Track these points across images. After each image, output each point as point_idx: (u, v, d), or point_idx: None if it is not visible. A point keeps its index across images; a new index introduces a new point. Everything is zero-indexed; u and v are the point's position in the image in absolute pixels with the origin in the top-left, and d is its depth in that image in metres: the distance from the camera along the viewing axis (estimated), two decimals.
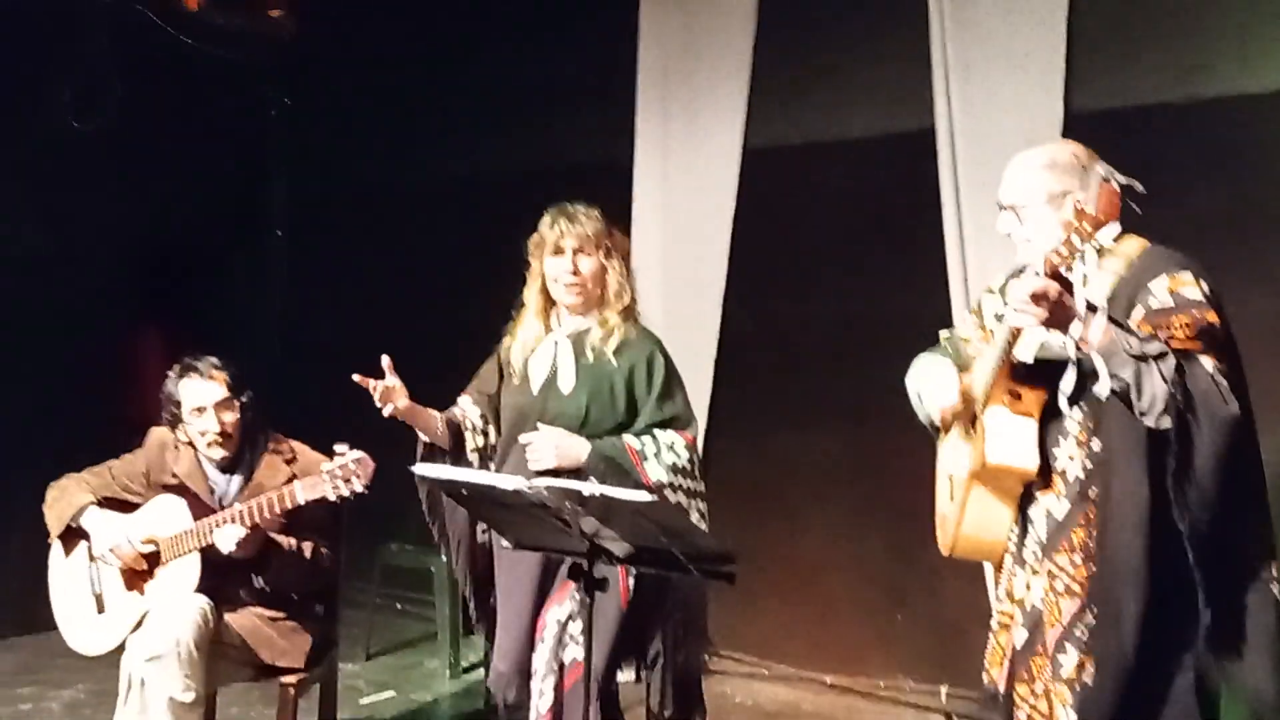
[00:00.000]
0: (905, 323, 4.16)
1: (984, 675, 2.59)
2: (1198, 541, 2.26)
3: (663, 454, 3.08)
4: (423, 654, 5.41)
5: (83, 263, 5.67)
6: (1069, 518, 2.40)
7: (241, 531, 3.28)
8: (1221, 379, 2.25)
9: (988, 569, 3.92)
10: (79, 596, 3.53)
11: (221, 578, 3.38)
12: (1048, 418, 2.43)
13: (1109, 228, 2.44)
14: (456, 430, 3.28)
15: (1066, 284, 2.19)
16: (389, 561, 5.42)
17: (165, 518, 3.43)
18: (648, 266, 4.96)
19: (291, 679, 3.43)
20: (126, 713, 3.22)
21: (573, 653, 2.99)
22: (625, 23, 5.23)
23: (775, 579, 4.83)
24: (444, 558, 3.49)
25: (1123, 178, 2.15)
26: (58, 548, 3.58)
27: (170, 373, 3.53)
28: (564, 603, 3.06)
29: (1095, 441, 2.38)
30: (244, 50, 5.99)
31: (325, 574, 3.57)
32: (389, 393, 3.10)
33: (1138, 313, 2.34)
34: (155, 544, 3.42)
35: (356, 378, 3.08)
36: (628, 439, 3.10)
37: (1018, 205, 2.51)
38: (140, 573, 3.44)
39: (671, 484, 3.07)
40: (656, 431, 3.12)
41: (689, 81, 5.12)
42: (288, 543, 3.45)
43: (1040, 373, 2.43)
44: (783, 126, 4.97)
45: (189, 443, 3.53)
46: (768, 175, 4.96)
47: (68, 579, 3.56)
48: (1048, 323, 2.22)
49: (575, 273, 3.17)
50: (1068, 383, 2.29)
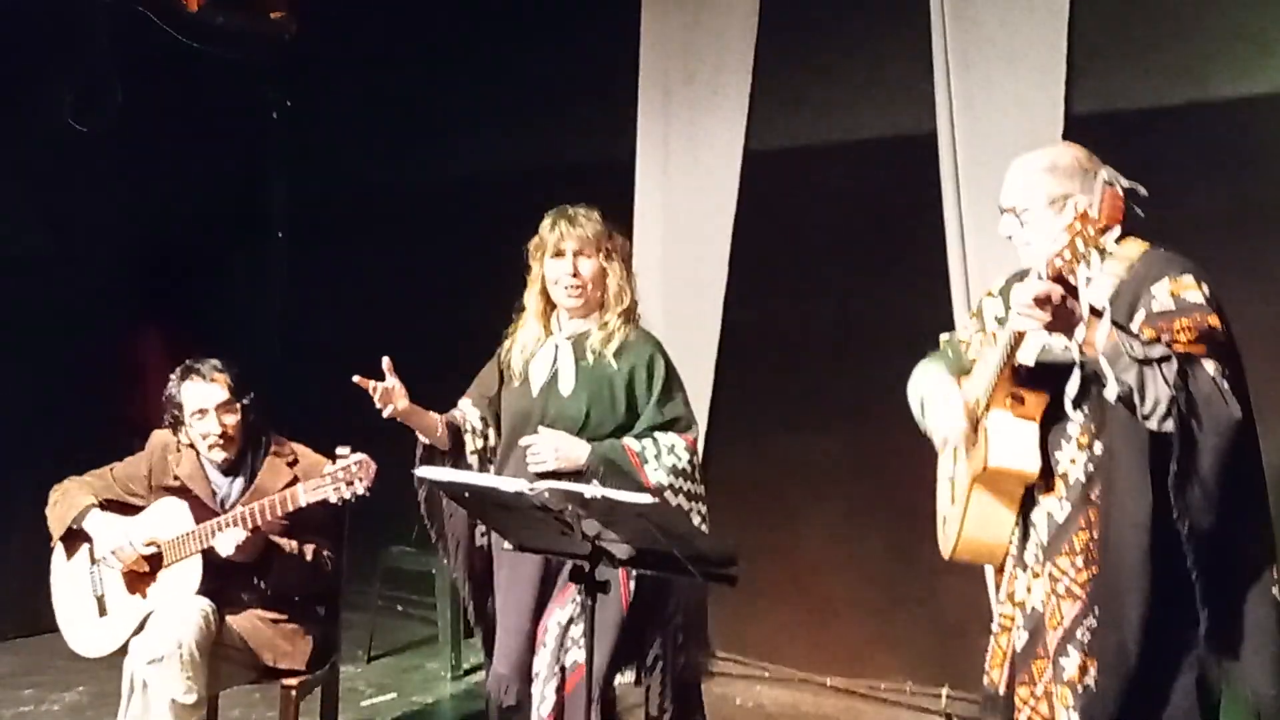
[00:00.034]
0: (906, 323, 4.17)
1: (985, 677, 2.58)
2: (1197, 543, 2.25)
3: (663, 456, 3.08)
4: (424, 656, 5.41)
5: (83, 263, 5.67)
6: (1070, 520, 2.40)
7: (241, 536, 3.28)
8: (1223, 382, 2.25)
9: (988, 571, 3.93)
10: (81, 599, 3.53)
11: (223, 580, 3.38)
12: (1049, 421, 2.42)
13: (1112, 232, 2.43)
14: (456, 432, 3.28)
15: (1070, 288, 2.18)
16: (390, 564, 5.42)
17: (167, 520, 3.43)
18: (649, 267, 4.95)
19: (293, 681, 3.43)
20: (128, 715, 3.23)
21: (574, 656, 2.99)
22: (626, 23, 5.23)
23: (776, 580, 4.83)
24: (444, 560, 3.49)
25: (1126, 181, 2.15)
26: (59, 550, 3.59)
27: (172, 375, 3.54)
28: (565, 606, 3.06)
29: (1097, 444, 2.37)
30: (244, 51, 5.98)
31: (327, 576, 3.57)
32: (389, 394, 3.10)
33: (1139, 316, 2.34)
34: (157, 546, 3.43)
35: (356, 379, 3.08)
36: (628, 441, 3.10)
37: (1018, 208, 2.50)
38: (142, 575, 3.44)
39: (672, 486, 3.07)
40: (657, 434, 3.12)
41: (690, 82, 5.12)
42: (289, 545, 3.45)
43: (1042, 376, 2.43)
44: (784, 127, 4.96)
45: (191, 445, 3.53)
46: (769, 176, 4.96)
47: (69, 581, 3.56)
48: (1051, 326, 2.21)
49: (575, 275, 3.17)
50: (1073, 386, 2.28)
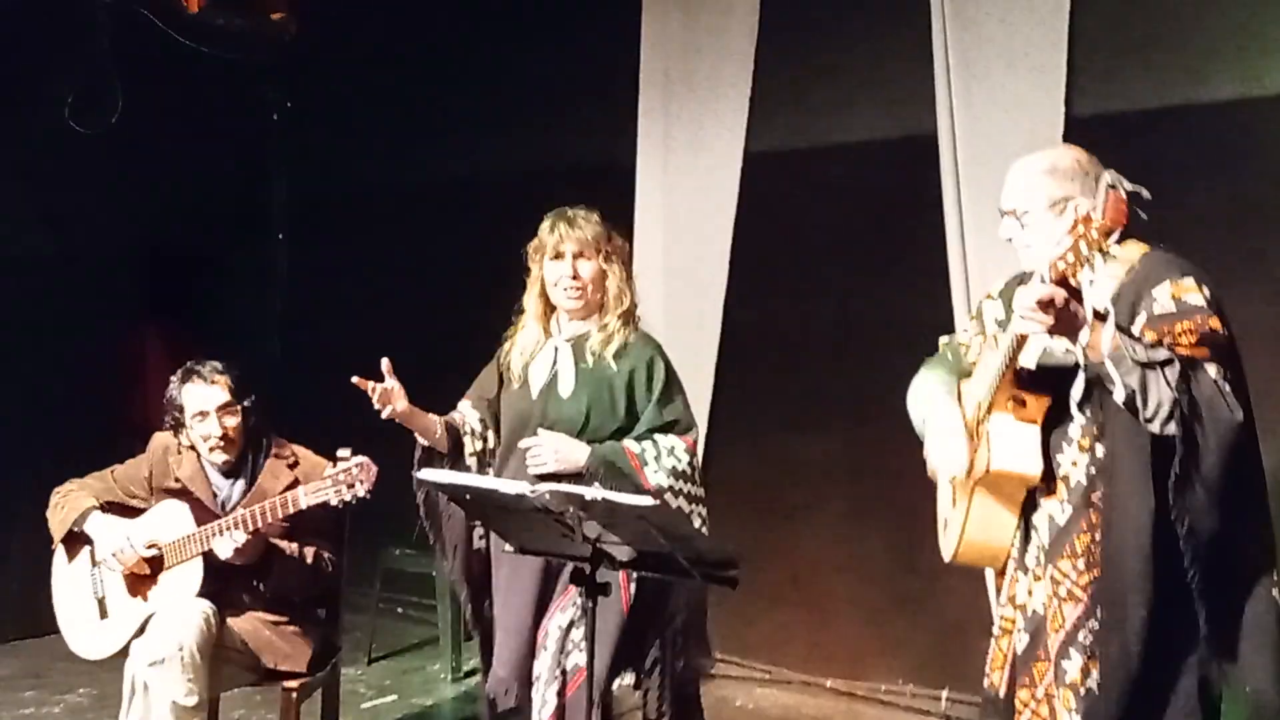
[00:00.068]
0: (906, 324, 4.17)
1: (985, 680, 2.58)
2: (1196, 545, 2.25)
3: (663, 458, 3.08)
4: (424, 658, 5.41)
5: (83, 264, 5.67)
6: (1072, 523, 2.39)
7: (241, 539, 3.28)
8: (1225, 385, 2.24)
9: (988, 573, 3.92)
10: (82, 601, 3.53)
11: (224, 582, 3.39)
12: (1051, 423, 2.42)
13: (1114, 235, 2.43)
14: (455, 434, 3.27)
15: (1073, 291, 2.18)
16: (391, 566, 5.42)
17: (168, 522, 3.44)
18: (649, 267, 4.95)
19: (294, 683, 3.43)
20: (129, 717, 3.24)
21: (576, 659, 2.98)
22: (627, 23, 5.22)
23: (776, 582, 4.83)
24: (445, 562, 3.48)
25: (1130, 184, 2.14)
26: (61, 552, 3.59)
27: (173, 377, 3.54)
28: (566, 609, 3.06)
29: (1099, 447, 2.37)
30: (244, 51, 5.97)
31: (327, 578, 3.57)
32: (388, 395, 3.09)
33: (1140, 319, 2.34)
34: (158, 548, 3.43)
35: (355, 380, 3.07)
36: (628, 443, 3.10)
37: (1018, 210, 2.50)
38: (143, 577, 3.44)
39: (672, 488, 3.06)
40: (657, 436, 3.12)
41: (691, 82, 5.12)
42: (290, 547, 3.46)
43: (1043, 379, 2.42)
44: (784, 128, 4.96)
45: (191, 447, 3.54)
46: (769, 176, 4.95)
47: (71, 584, 3.56)
48: (1053, 330, 2.21)
49: (575, 277, 3.16)
50: (1078, 390, 2.28)
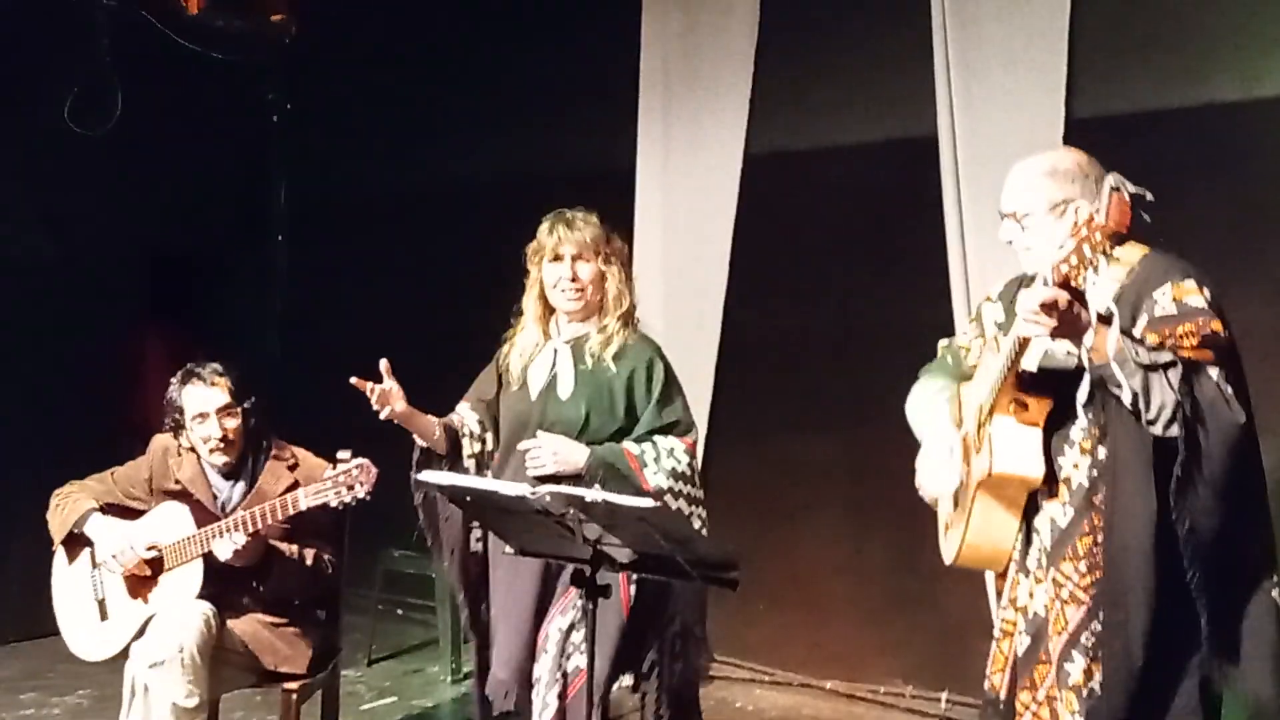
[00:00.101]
0: (906, 325, 4.18)
1: (986, 682, 2.58)
2: (1197, 546, 2.25)
3: (662, 459, 3.08)
4: (424, 659, 5.41)
5: (84, 265, 5.68)
6: (1073, 525, 2.39)
7: (240, 541, 3.28)
8: (1227, 387, 2.24)
9: (988, 575, 3.92)
10: (82, 603, 3.53)
11: (224, 584, 3.38)
12: (1052, 426, 2.41)
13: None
14: (453, 436, 3.26)
15: (1076, 293, 2.17)
16: (391, 567, 5.42)
17: (168, 524, 3.43)
18: (649, 268, 4.95)
19: (294, 685, 3.43)
20: (129, 718, 3.23)
21: (576, 662, 2.98)
22: (627, 25, 5.23)
23: (775, 583, 4.83)
24: (442, 564, 3.48)
25: (1133, 187, 2.13)
26: (61, 554, 3.58)
27: (173, 379, 3.54)
28: (566, 612, 3.05)
29: (1100, 449, 2.37)
30: (244, 53, 5.98)
31: (327, 580, 3.57)
32: (386, 396, 3.09)
33: (1141, 321, 2.33)
34: (158, 550, 3.42)
35: (354, 380, 3.08)
36: (627, 445, 3.10)
37: (1019, 213, 2.49)
38: (143, 579, 3.44)
39: (671, 489, 3.06)
40: (656, 437, 3.11)
41: (691, 83, 5.12)
42: (290, 549, 3.45)
43: (1045, 382, 2.42)
44: (784, 130, 4.96)
45: (191, 449, 3.53)
46: (769, 178, 4.96)
47: (71, 585, 3.56)
48: (1056, 332, 2.21)
49: (574, 279, 3.16)
50: (1083, 392, 2.27)
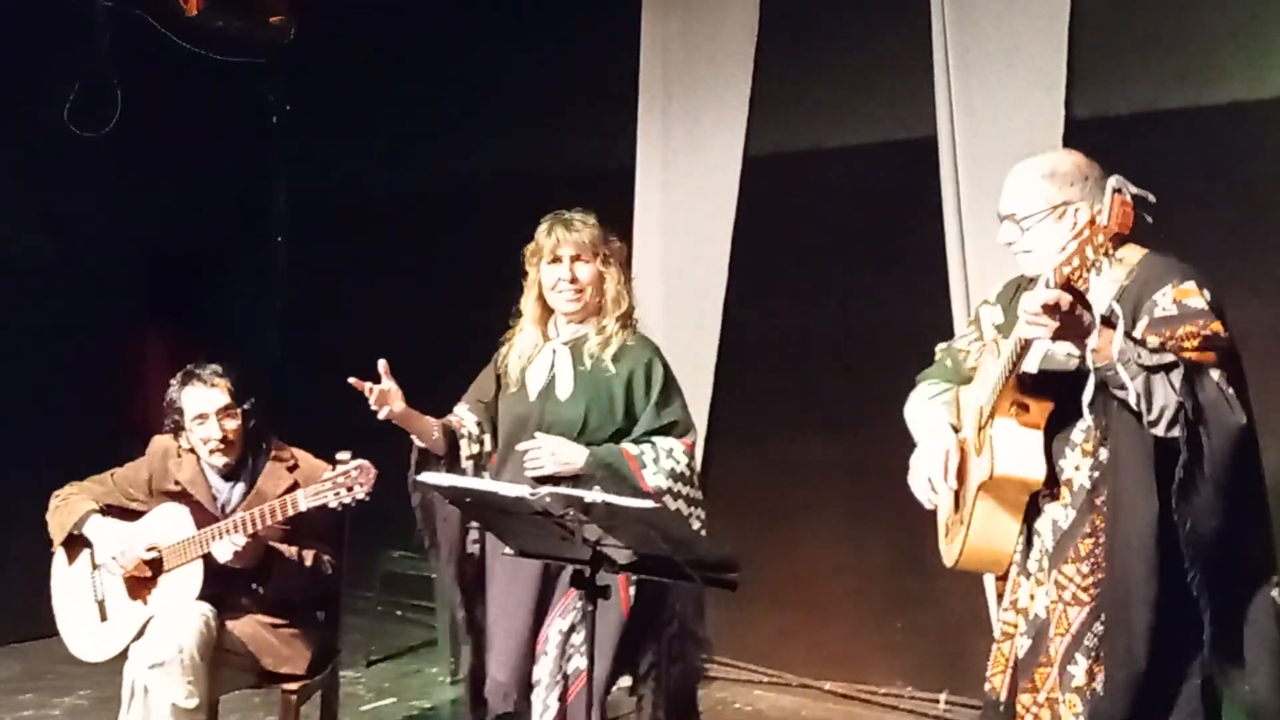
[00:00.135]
0: (907, 325, 4.18)
1: (986, 684, 2.57)
2: (1198, 547, 2.24)
3: (661, 460, 3.07)
4: (423, 660, 5.41)
5: (84, 266, 5.68)
6: (1075, 527, 2.39)
7: (240, 542, 3.28)
8: (1229, 388, 2.23)
9: (988, 577, 3.91)
10: (82, 604, 3.53)
11: (224, 585, 3.38)
12: (1053, 428, 2.41)
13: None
14: (452, 437, 3.25)
15: (1077, 295, 2.17)
16: (390, 568, 5.41)
17: (168, 525, 3.43)
18: (648, 269, 4.96)
19: (293, 686, 3.43)
20: (128, 719, 3.23)
21: (577, 663, 2.98)
22: (627, 26, 5.23)
23: (775, 584, 4.82)
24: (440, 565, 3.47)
25: (1135, 188, 2.13)
26: (60, 555, 3.58)
27: (172, 381, 3.54)
28: (566, 614, 3.05)
29: (1102, 451, 2.36)
30: (244, 54, 5.99)
31: (327, 581, 3.57)
32: (385, 396, 3.09)
33: (1142, 323, 2.32)
34: (158, 551, 3.42)
35: (352, 381, 3.07)
36: (626, 446, 3.09)
37: (1018, 215, 2.48)
38: (143, 580, 3.44)
39: (670, 490, 3.06)
40: (655, 438, 3.11)
41: (690, 84, 5.13)
42: (289, 550, 3.45)
43: (1046, 384, 2.41)
44: (784, 130, 4.97)
45: (191, 450, 3.53)
46: (769, 179, 4.96)
47: (70, 586, 3.56)
48: (1058, 334, 2.20)
49: (573, 280, 3.15)
50: (1089, 394, 2.26)
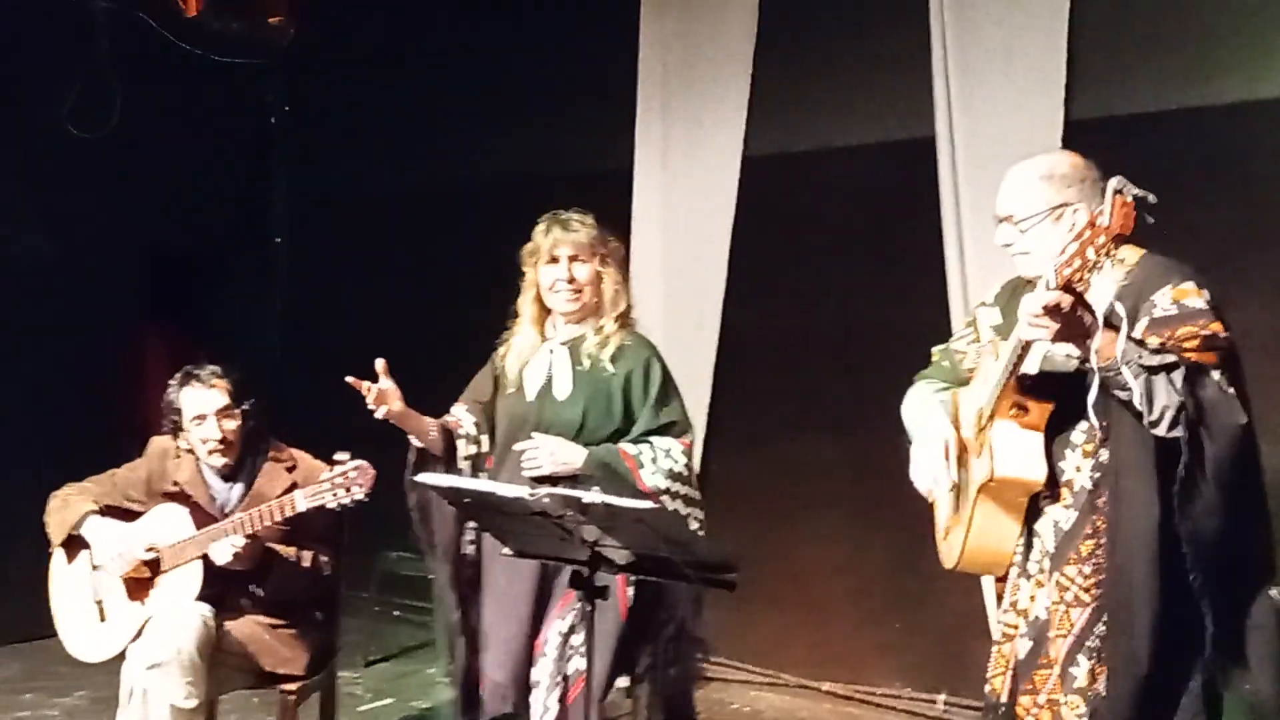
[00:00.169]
0: (906, 326, 4.18)
1: (987, 686, 2.57)
2: (1200, 548, 2.24)
3: (659, 460, 3.08)
4: (421, 661, 5.41)
5: (84, 266, 5.68)
6: (1077, 528, 2.39)
7: (239, 543, 3.28)
8: (1229, 388, 2.23)
9: (986, 580, 3.91)
10: (80, 604, 3.53)
11: (222, 586, 3.38)
12: (1053, 429, 2.41)
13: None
14: (449, 437, 3.25)
15: (1079, 297, 2.16)
16: (388, 569, 5.41)
17: (167, 526, 3.43)
18: (647, 269, 4.97)
19: (291, 686, 3.43)
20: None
21: (576, 664, 2.97)
22: (626, 27, 5.23)
23: (773, 585, 4.82)
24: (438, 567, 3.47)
25: (1137, 189, 2.12)
26: (59, 556, 3.58)
27: (171, 381, 3.54)
28: (566, 615, 3.05)
29: (1103, 452, 2.36)
30: (243, 54, 5.98)
31: (325, 582, 3.57)
32: (383, 395, 3.08)
33: (1141, 323, 2.32)
34: (156, 552, 3.42)
35: (350, 380, 3.07)
36: (624, 446, 3.10)
37: (1015, 217, 2.48)
38: (142, 581, 3.44)
39: (668, 490, 3.07)
40: (653, 438, 3.11)
41: (689, 86, 5.13)
42: (288, 551, 3.45)
43: (1046, 385, 2.41)
44: (783, 131, 4.97)
45: (190, 451, 3.53)
46: (768, 179, 4.96)
47: (69, 587, 3.56)
48: (1059, 336, 2.19)
49: (571, 280, 3.15)
50: (1094, 395, 2.26)
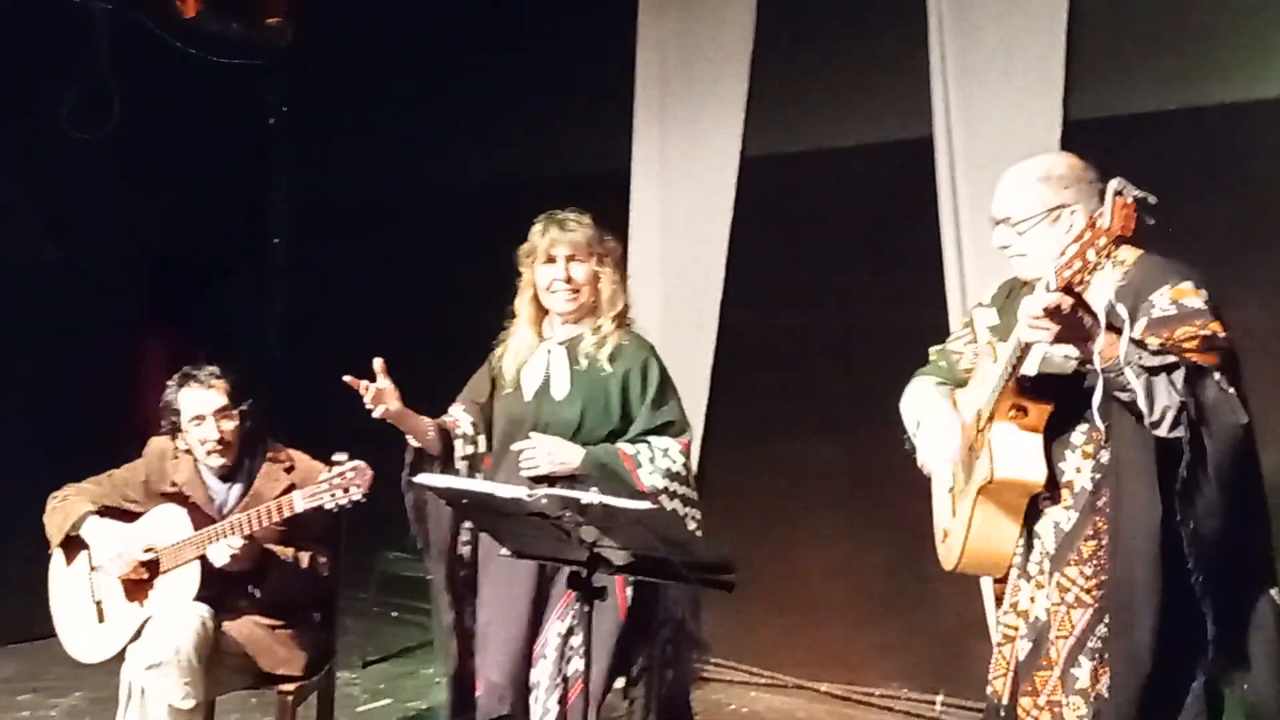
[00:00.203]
0: (905, 326, 4.17)
1: (988, 687, 2.57)
2: (1201, 548, 2.24)
3: (658, 460, 3.08)
4: (419, 662, 5.41)
5: (84, 268, 5.68)
6: (1077, 529, 2.39)
7: (237, 544, 3.28)
8: (1229, 388, 2.23)
9: (985, 581, 3.91)
10: (79, 605, 3.53)
11: (221, 586, 3.38)
12: (1052, 430, 2.41)
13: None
14: (446, 437, 3.25)
15: (1077, 298, 2.16)
16: (386, 569, 5.41)
17: (165, 527, 3.43)
18: (645, 270, 4.97)
19: (289, 687, 3.43)
20: None
21: (576, 666, 2.97)
22: (624, 27, 5.24)
23: (772, 586, 4.82)
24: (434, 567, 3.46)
25: (1137, 190, 2.12)
26: (58, 556, 3.58)
27: (169, 382, 3.54)
28: (565, 617, 3.05)
29: (1103, 453, 2.36)
30: (241, 56, 5.99)
31: (323, 582, 3.57)
32: (381, 395, 3.08)
33: (1140, 323, 2.32)
34: (155, 553, 3.42)
35: (348, 379, 3.07)
36: (622, 446, 3.10)
37: (1013, 219, 2.48)
38: (140, 582, 3.43)
39: (666, 490, 3.06)
40: (651, 438, 3.12)
41: (688, 86, 5.13)
42: (286, 552, 3.45)
43: (1045, 386, 2.41)
44: (781, 131, 4.97)
45: (188, 451, 3.53)
46: (766, 181, 4.96)
47: (68, 588, 3.56)
48: (1059, 337, 2.19)
49: (568, 280, 3.15)
50: (1097, 396, 2.25)
